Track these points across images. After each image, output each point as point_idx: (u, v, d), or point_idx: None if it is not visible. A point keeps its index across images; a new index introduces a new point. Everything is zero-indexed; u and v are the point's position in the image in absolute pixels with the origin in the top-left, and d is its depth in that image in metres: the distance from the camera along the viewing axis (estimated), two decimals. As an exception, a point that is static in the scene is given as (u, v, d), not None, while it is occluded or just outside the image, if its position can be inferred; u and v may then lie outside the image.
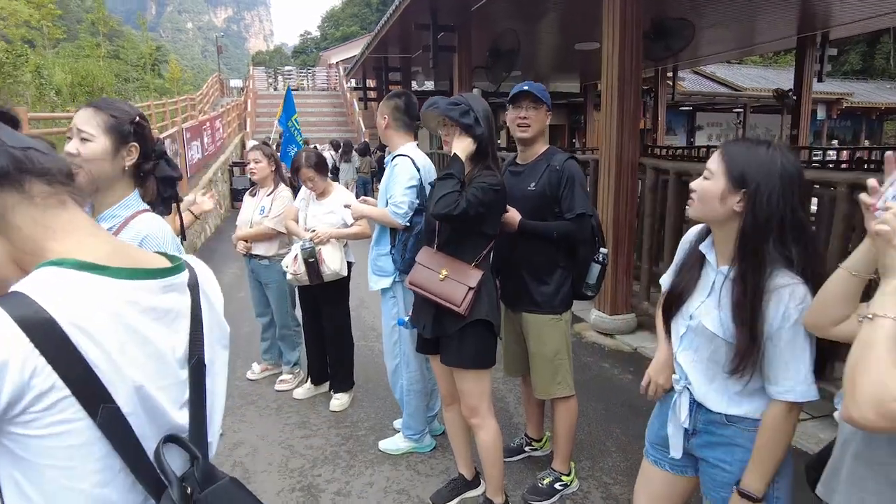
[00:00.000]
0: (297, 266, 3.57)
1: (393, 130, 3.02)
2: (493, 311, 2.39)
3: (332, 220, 3.68)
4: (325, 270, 3.57)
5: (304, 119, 22.88)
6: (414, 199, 2.86)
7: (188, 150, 10.88)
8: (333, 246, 3.62)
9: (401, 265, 2.90)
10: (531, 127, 2.61)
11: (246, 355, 4.75)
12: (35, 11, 28.10)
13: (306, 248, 3.55)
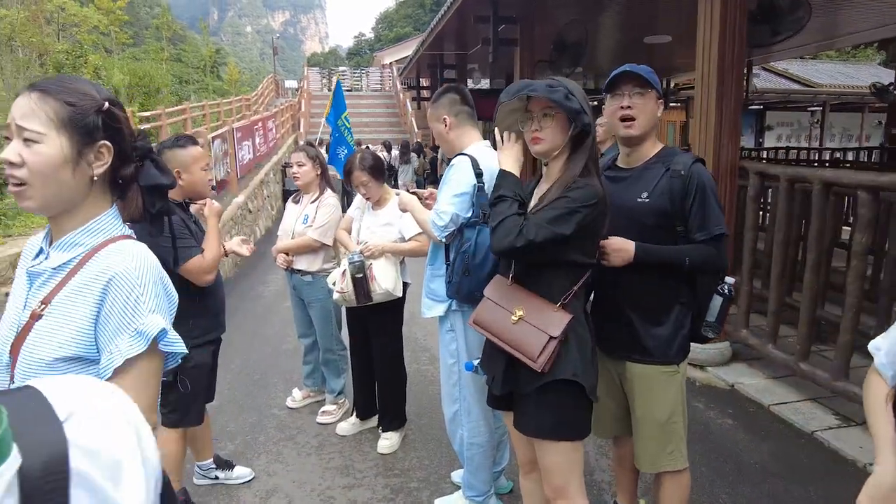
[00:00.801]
0: (344, 283, 3.09)
1: (459, 130, 2.50)
2: (585, 367, 1.81)
3: (387, 234, 3.19)
4: (376, 289, 3.06)
5: (357, 120, 22.76)
6: (464, 209, 2.33)
7: (238, 151, 10.69)
8: (387, 262, 3.12)
9: (449, 290, 2.37)
10: (638, 120, 2.01)
11: (287, 378, 4.32)
12: (104, 17, 29.07)
13: (355, 261, 3.06)
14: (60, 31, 23.69)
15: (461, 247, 2.32)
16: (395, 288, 3.10)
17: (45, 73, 12.32)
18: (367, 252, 3.09)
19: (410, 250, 3.14)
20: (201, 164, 2.45)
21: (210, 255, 2.38)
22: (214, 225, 2.49)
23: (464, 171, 2.35)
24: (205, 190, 2.50)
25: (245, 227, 9.64)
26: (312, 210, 3.51)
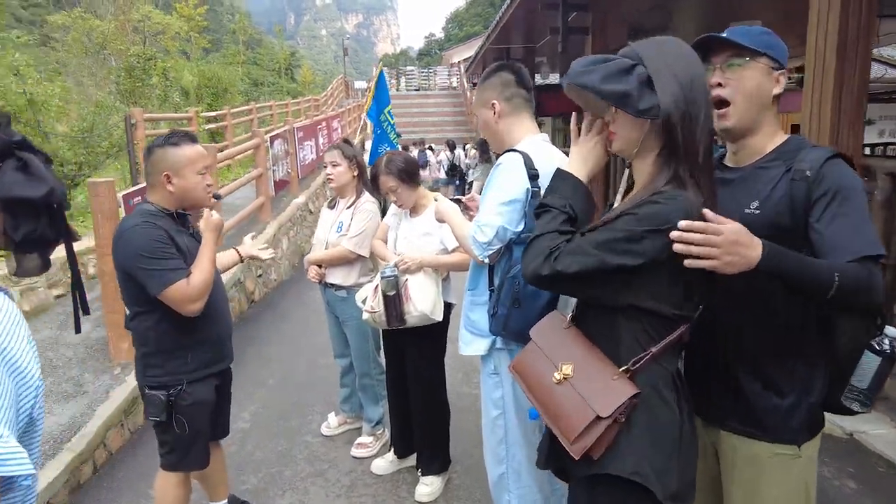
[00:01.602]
0: (375, 300, 2.66)
1: (511, 118, 2.00)
2: (661, 465, 1.23)
3: (427, 245, 2.73)
4: (411, 311, 2.61)
5: (424, 119, 22.64)
6: (513, 222, 1.83)
7: (300, 151, 10.57)
8: (426, 278, 2.66)
9: (494, 325, 1.88)
10: (734, 105, 1.43)
11: (326, 400, 3.94)
12: (185, 24, 30.37)
13: (388, 276, 2.61)
14: (146, 39, 24.88)
15: (510, 269, 1.82)
16: (434, 310, 2.63)
17: (118, 76, 12.76)
18: (402, 266, 2.64)
19: (454, 264, 2.66)
20: (197, 166, 2.04)
21: (197, 280, 1.96)
22: (210, 242, 2.06)
23: (514, 172, 1.85)
24: (201, 198, 2.09)
25: (305, 229, 9.48)
26: (348, 217, 3.10)
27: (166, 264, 1.93)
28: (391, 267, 2.64)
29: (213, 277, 2.04)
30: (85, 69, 17.11)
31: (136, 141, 7.48)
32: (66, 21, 21.43)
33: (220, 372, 2.23)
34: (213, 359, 2.16)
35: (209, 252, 2.05)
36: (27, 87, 6.70)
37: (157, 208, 2.05)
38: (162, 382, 2.05)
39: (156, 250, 1.93)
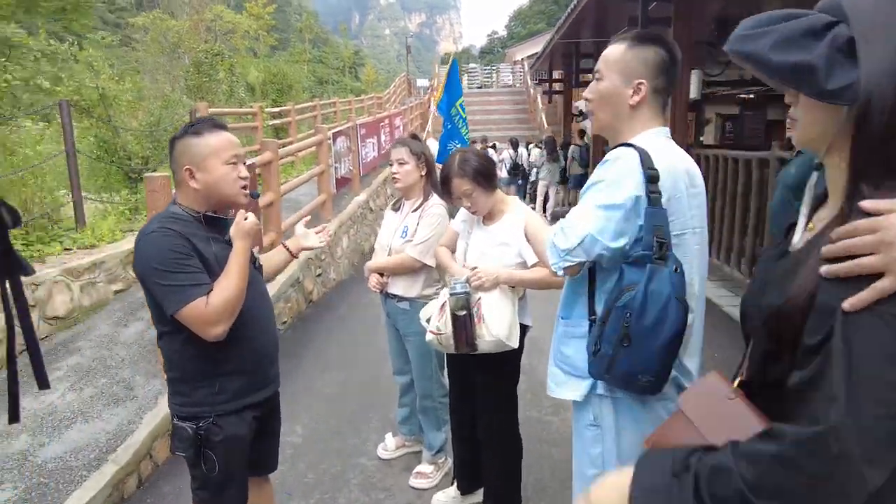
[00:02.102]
0: (441, 319, 2.31)
1: (650, 107, 1.56)
2: None
3: (503, 257, 2.36)
4: (484, 335, 2.25)
5: (486, 117, 22.26)
6: (610, 233, 1.43)
7: (362, 148, 10.41)
8: (502, 297, 2.29)
9: (595, 366, 1.51)
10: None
11: (385, 416, 3.65)
12: (254, 23, 31.14)
13: (458, 293, 2.25)
14: (217, 37, 25.63)
15: (619, 295, 1.44)
16: (510, 336, 2.25)
17: (186, 73, 13.03)
18: (475, 281, 2.28)
19: (536, 281, 2.29)
20: (224, 156, 1.69)
21: (217, 300, 1.60)
22: (239, 252, 1.68)
23: (625, 172, 1.45)
24: (231, 193, 1.72)
25: (366, 227, 9.32)
26: (413, 221, 2.78)
27: (182, 279, 1.59)
28: (462, 282, 2.28)
29: (242, 294, 1.67)
30: (160, 67, 17.69)
31: (201, 136, 7.49)
32: (146, 22, 22.27)
33: (259, 402, 1.85)
34: (248, 387, 1.80)
35: (237, 265, 1.66)
36: (100, 82, 6.79)
37: (183, 211, 1.73)
38: (189, 413, 1.72)
39: (171, 262, 1.59)
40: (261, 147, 5.70)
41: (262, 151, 5.62)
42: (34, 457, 2.90)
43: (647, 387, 1.46)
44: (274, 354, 1.92)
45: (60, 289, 4.27)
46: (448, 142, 5.07)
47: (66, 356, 3.88)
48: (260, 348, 1.83)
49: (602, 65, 1.59)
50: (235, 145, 1.75)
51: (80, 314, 4.45)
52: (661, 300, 1.38)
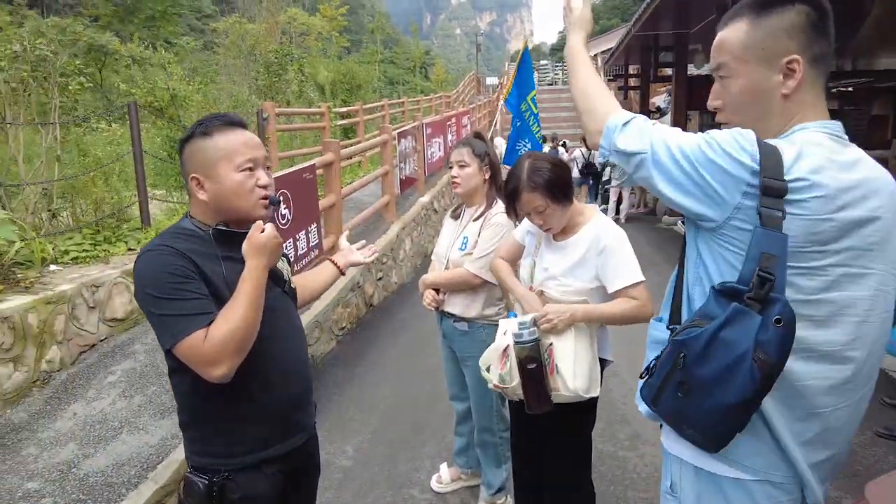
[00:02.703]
0: (505, 368, 1.94)
1: (809, 91, 1.13)
2: None
3: (578, 280, 1.96)
4: (559, 388, 1.86)
5: (556, 115, 21.64)
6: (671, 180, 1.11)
7: (427, 148, 10.19)
8: (580, 337, 1.89)
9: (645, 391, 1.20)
10: None
11: (440, 441, 3.35)
12: (327, 24, 31.81)
13: (525, 341, 1.84)
14: (292, 39, 26.30)
15: (685, 330, 1.09)
16: (590, 387, 1.87)
17: (256, 73, 13.26)
18: (544, 324, 1.87)
19: (619, 316, 1.89)
20: (237, 160, 1.38)
21: (218, 334, 1.28)
22: (252, 274, 1.34)
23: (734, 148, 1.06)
24: (245, 206, 1.41)
25: (430, 229, 9.10)
26: (474, 231, 2.45)
27: (177, 307, 1.29)
28: (529, 326, 1.85)
29: (253, 325, 1.33)
30: (237, 69, 18.26)
31: (267, 135, 7.47)
32: (225, 27, 23.11)
33: (285, 454, 1.51)
34: (271, 438, 1.48)
35: (246, 289, 1.32)
36: (171, 83, 6.89)
37: (193, 225, 1.44)
38: (201, 464, 1.44)
39: (166, 287, 1.30)
40: (323, 148, 5.54)
41: (324, 152, 5.47)
42: (78, 469, 2.79)
43: (695, 441, 1.13)
44: (306, 397, 1.59)
45: (120, 290, 4.25)
46: (517, 140, 4.63)
47: (122, 360, 3.83)
48: (286, 392, 1.51)
49: (726, 57, 1.16)
50: (252, 147, 1.43)
51: (139, 316, 4.42)
52: (732, 355, 1.01)
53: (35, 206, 4.78)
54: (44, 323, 3.53)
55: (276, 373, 1.47)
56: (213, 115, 1.44)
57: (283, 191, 4.48)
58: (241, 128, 1.45)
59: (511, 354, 1.89)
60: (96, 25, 23.21)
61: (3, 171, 4.93)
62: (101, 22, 25.41)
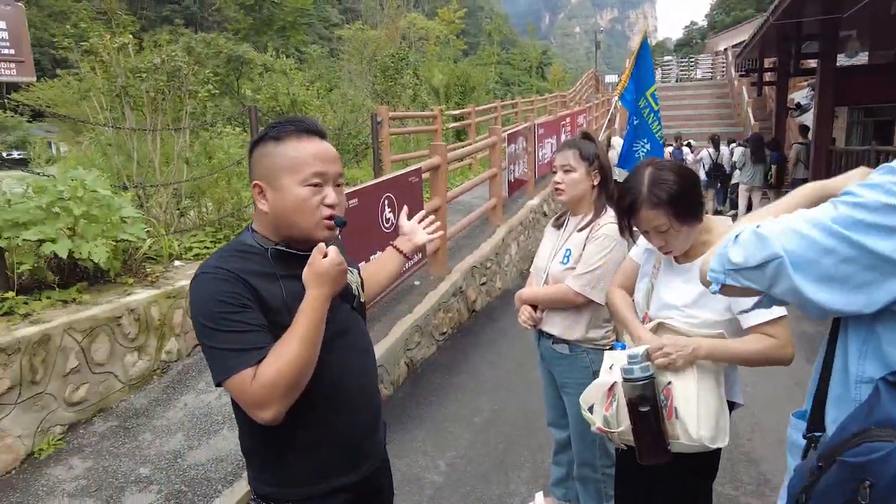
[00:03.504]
0: (611, 409, 1.68)
1: None
2: None
3: (704, 311, 1.66)
4: (678, 436, 1.58)
5: (680, 112, 20.35)
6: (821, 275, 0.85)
7: (539, 149, 9.89)
8: (704, 378, 1.60)
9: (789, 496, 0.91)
10: None
11: (539, 464, 3.13)
12: (445, 28, 32.30)
13: (636, 378, 1.57)
14: (411, 44, 27.01)
15: (861, 447, 0.80)
16: (717, 437, 1.57)
17: (374, 77, 13.64)
18: (660, 359, 1.60)
19: (754, 356, 1.58)
20: (304, 173, 1.24)
21: (267, 375, 1.15)
22: (311, 306, 1.20)
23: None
24: (309, 227, 1.26)
25: (537, 232, 8.83)
26: (578, 243, 2.21)
27: (226, 341, 1.18)
28: (641, 360, 1.58)
29: (309, 364, 1.20)
30: (357, 74, 19.02)
31: (380, 139, 7.60)
32: (349, 34, 24.21)
33: (353, 484, 1.38)
34: (340, 466, 1.35)
35: (303, 325, 1.19)
36: (292, 89, 7.22)
37: (254, 240, 1.31)
38: (266, 493, 1.35)
39: (217, 317, 1.18)
40: (430, 151, 5.49)
41: (431, 155, 5.42)
42: (182, 459, 2.91)
43: None
44: (374, 422, 1.45)
45: (235, 287, 4.45)
46: (634, 141, 4.16)
47: (233, 354, 3.99)
48: (355, 419, 1.37)
49: None
50: (323, 159, 1.27)
51: (253, 312, 4.61)
52: None
53: (167, 205, 5.17)
54: (164, 316, 3.76)
55: (343, 400, 1.34)
56: (289, 119, 1.32)
57: (389, 194, 4.47)
58: (319, 137, 1.31)
59: (619, 393, 1.63)
60: (237, 38, 25.30)
61: (143, 173, 5.38)
62: (240, 34, 27.68)
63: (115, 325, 3.41)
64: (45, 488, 2.71)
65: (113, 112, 5.37)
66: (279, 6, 27.21)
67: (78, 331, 3.19)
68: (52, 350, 3.05)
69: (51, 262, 3.52)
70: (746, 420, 3.50)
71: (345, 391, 1.34)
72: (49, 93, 14.10)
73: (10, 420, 2.86)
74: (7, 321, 3.06)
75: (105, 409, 3.33)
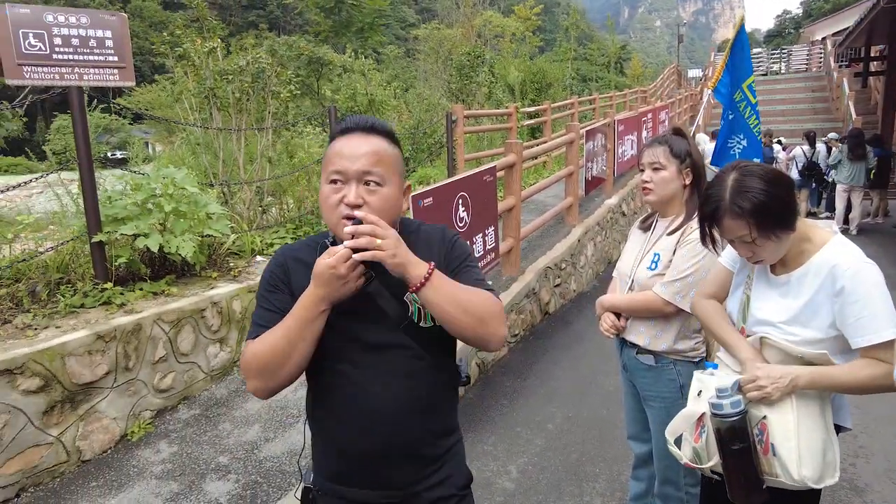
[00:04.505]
0: (700, 441, 1.53)
1: None
2: None
3: (807, 331, 1.49)
4: (777, 474, 1.42)
5: (770, 108, 19.11)
6: None
7: (619, 146, 9.56)
8: (805, 408, 1.44)
9: None
10: None
11: (614, 477, 2.99)
12: (521, 25, 31.96)
13: (726, 412, 1.42)
14: (487, 42, 26.92)
15: None
16: (824, 473, 1.41)
17: (449, 76, 13.64)
18: (752, 392, 1.45)
19: (864, 384, 1.40)
20: (329, 169, 1.25)
21: (251, 348, 1.23)
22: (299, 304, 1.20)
23: None
24: (332, 224, 1.25)
25: (616, 233, 8.55)
26: (668, 247, 2.07)
27: (256, 314, 1.30)
28: (731, 393, 1.43)
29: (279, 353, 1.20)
30: (432, 74, 19.16)
31: (454, 137, 7.58)
32: (425, 34, 24.44)
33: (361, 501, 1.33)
34: (350, 476, 1.32)
35: (289, 317, 1.21)
36: (370, 89, 7.33)
37: (330, 233, 1.33)
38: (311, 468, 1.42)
39: (259, 292, 1.33)
40: (505, 149, 5.40)
41: (505, 154, 5.33)
42: (258, 451, 2.99)
43: None
44: (397, 455, 1.31)
45: (312, 283, 4.55)
46: (730, 136, 3.82)
47: (309, 349, 4.07)
48: (367, 439, 1.29)
49: None
50: (346, 156, 1.24)
51: (328, 308, 4.70)
52: None
53: (250, 202, 5.36)
54: (245, 309, 3.89)
55: (354, 415, 1.28)
56: (352, 118, 1.32)
57: (463, 193, 4.42)
58: (361, 132, 1.28)
59: (709, 424, 1.48)
60: (317, 40, 26.12)
61: (228, 171, 5.61)
62: (320, 37, 28.57)
63: (199, 317, 3.55)
64: (136, 469, 2.85)
65: (202, 113, 5.63)
66: (357, 8, 27.87)
67: (166, 321, 3.34)
68: (143, 339, 3.21)
69: (143, 255, 3.71)
70: (849, 443, 3.20)
71: (355, 408, 1.28)
72: (147, 97, 15.13)
73: (107, 403, 3.03)
74: (105, 310, 3.25)
75: (189, 398, 3.48)
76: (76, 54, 3.30)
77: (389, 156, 1.27)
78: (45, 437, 2.77)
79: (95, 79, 3.41)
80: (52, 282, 3.39)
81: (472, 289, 1.26)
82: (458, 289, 1.23)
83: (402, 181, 1.33)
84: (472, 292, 1.25)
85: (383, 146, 1.27)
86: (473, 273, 1.34)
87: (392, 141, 1.31)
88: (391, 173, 1.26)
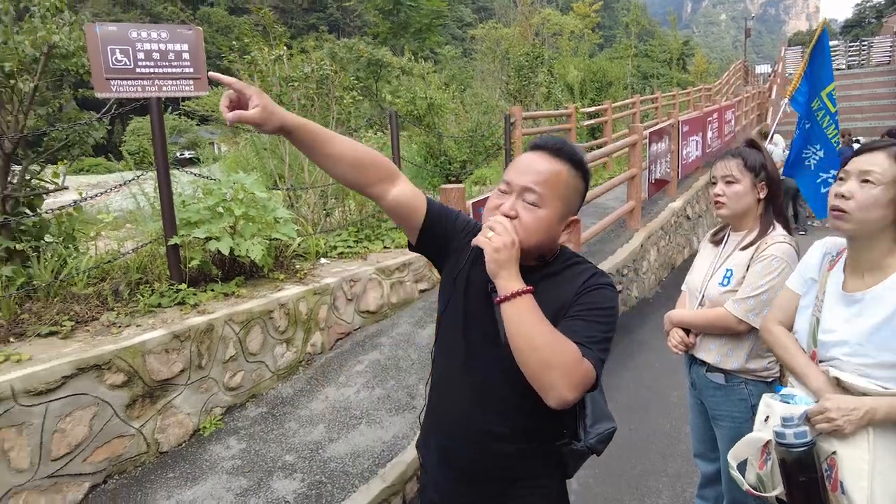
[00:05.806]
0: (765, 469, 1.47)
1: None
2: None
3: (883, 353, 1.38)
4: None
5: (846, 104, 18.05)
6: None
7: (683, 147, 9.25)
8: (882, 445, 1.34)
9: None
10: None
11: (671, 497, 2.91)
12: (580, 22, 31.42)
13: (790, 443, 1.35)
14: (545, 40, 26.63)
15: None
16: None
17: (507, 76, 13.57)
18: (821, 424, 1.37)
19: None
20: (504, 177, 1.38)
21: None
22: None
23: None
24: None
25: (680, 237, 8.29)
26: (741, 262, 2.00)
27: None
28: (797, 423, 1.36)
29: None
30: (490, 74, 19.12)
31: (512, 140, 7.55)
32: (482, 33, 24.39)
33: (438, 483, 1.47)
34: (430, 426, 1.50)
35: None
36: (429, 92, 7.40)
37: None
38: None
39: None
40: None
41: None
42: (323, 451, 3.07)
43: None
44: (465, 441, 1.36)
45: (374, 285, 4.64)
46: (805, 147, 3.63)
47: (370, 350, 4.16)
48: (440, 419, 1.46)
49: None
50: (515, 170, 1.30)
51: (389, 310, 4.78)
52: None
53: (314, 205, 5.52)
54: (311, 311, 4.01)
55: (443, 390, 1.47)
56: (545, 137, 1.37)
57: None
58: (548, 153, 1.29)
59: (772, 452, 1.42)
60: (376, 42, 26.53)
61: (293, 175, 5.79)
62: (379, 38, 29.00)
63: (267, 318, 3.69)
64: (208, 463, 2.99)
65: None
66: (416, 9, 28.13)
67: (236, 322, 3.49)
68: (215, 339, 3.37)
69: (214, 257, 3.89)
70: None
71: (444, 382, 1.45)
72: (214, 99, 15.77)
73: (182, 399, 3.20)
74: (180, 310, 3.43)
75: (256, 396, 3.62)
76: (157, 67, 3.49)
77: (560, 181, 1.26)
78: (128, 428, 2.95)
79: (173, 90, 3.59)
80: (132, 281, 3.61)
81: (559, 333, 1.16)
82: (541, 324, 1.14)
83: (567, 211, 1.29)
84: (554, 335, 1.15)
85: (560, 171, 1.26)
86: (587, 327, 1.21)
87: (577, 168, 1.28)
88: (553, 198, 1.24)
